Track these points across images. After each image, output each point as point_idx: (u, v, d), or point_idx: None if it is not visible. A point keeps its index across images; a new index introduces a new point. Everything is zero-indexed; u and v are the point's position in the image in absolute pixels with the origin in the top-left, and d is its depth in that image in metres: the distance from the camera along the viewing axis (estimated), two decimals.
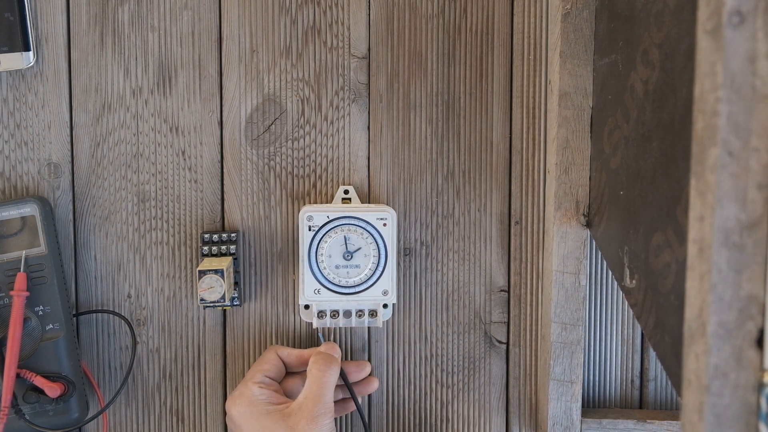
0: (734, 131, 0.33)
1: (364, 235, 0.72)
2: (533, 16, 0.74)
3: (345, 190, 0.74)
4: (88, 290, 0.74)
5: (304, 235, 0.72)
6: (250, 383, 0.68)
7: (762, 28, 0.33)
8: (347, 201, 0.74)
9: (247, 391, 0.67)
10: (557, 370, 0.71)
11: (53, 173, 0.73)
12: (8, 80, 0.72)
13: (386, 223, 0.72)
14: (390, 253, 0.72)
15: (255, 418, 0.65)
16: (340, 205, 0.73)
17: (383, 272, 0.72)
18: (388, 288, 0.72)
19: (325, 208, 0.72)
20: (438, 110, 0.74)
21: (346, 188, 0.74)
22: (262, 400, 0.66)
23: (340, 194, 0.74)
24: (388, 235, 0.72)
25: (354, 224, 0.72)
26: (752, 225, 0.34)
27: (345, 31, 0.74)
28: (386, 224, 0.72)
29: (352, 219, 0.72)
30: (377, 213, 0.72)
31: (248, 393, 0.67)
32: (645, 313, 0.50)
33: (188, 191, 0.74)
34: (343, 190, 0.74)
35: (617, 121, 0.58)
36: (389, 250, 0.72)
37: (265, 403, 0.66)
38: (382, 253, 0.72)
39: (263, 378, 0.69)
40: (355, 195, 0.74)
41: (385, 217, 0.72)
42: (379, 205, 0.73)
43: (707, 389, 0.34)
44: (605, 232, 0.63)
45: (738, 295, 0.34)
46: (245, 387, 0.68)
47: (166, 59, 0.73)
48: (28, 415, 0.69)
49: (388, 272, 0.72)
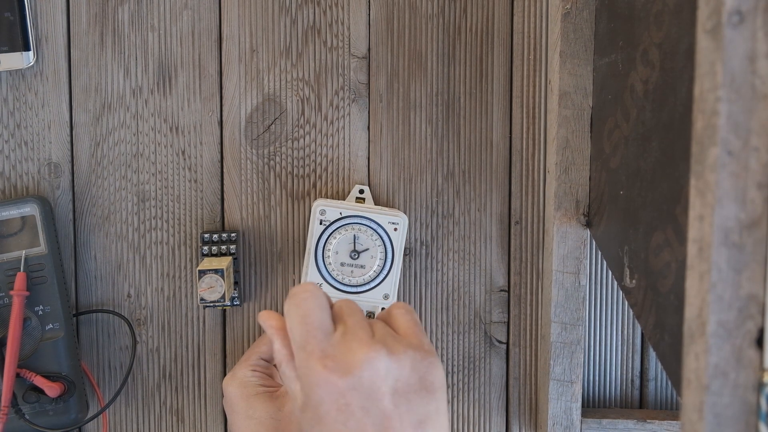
0: (734, 131, 0.33)
1: (374, 236, 0.71)
2: (533, 16, 0.74)
3: (360, 190, 0.74)
4: (88, 290, 0.74)
5: (314, 228, 0.71)
6: (245, 365, 0.68)
7: (762, 27, 0.33)
8: (361, 201, 0.74)
9: (240, 373, 0.67)
10: (557, 370, 0.71)
11: (53, 173, 0.73)
12: (8, 80, 0.72)
13: (397, 228, 0.72)
14: (396, 259, 0.72)
15: (245, 399, 0.65)
16: (354, 204, 0.73)
17: (387, 276, 0.72)
18: (389, 292, 0.72)
19: (339, 204, 0.72)
20: (438, 110, 0.74)
21: (362, 188, 0.74)
22: (253, 382, 0.66)
23: (354, 192, 0.74)
24: (397, 240, 0.72)
25: (365, 224, 0.71)
26: (752, 224, 0.34)
27: (345, 30, 0.74)
28: (397, 229, 0.72)
29: (364, 219, 0.71)
30: (390, 217, 0.72)
31: (241, 374, 0.67)
32: (645, 312, 0.50)
33: (188, 191, 0.74)
34: (358, 189, 0.74)
35: (617, 121, 0.58)
36: (396, 255, 0.72)
37: (256, 385, 0.66)
38: (389, 257, 0.72)
39: (258, 361, 0.69)
40: (369, 196, 0.74)
41: (397, 222, 0.72)
42: (393, 210, 0.73)
43: (707, 389, 0.34)
44: (605, 232, 0.63)
45: (738, 294, 0.34)
46: (239, 367, 0.68)
47: (166, 59, 0.73)
48: (28, 414, 0.69)
49: (392, 277, 0.72)
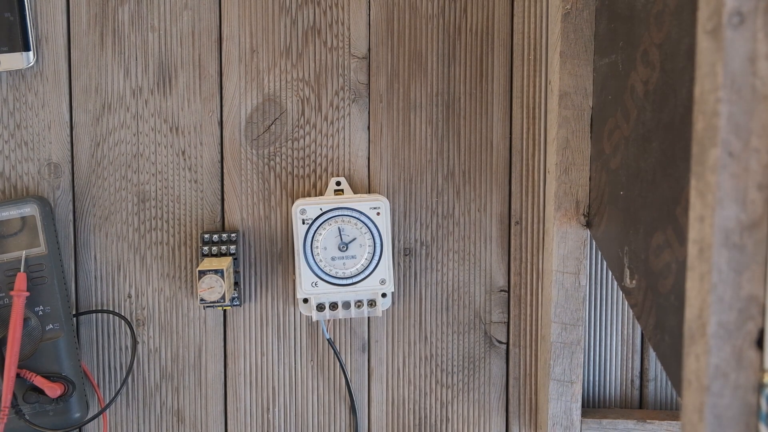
0: (734, 131, 0.33)
1: (358, 225, 0.71)
2: (533, 16, 0.74)
3: (337, 182, 0.74)
4: (88, 290, 0.74)
5: (298, 229, 0.71)
6: None
7: (762, 28, 0.33)
8: (339, 192, 0.74)
9: None
10: (557, 370, 0.71)
11: (53, 173, 0.73)
12: (8, 80, 0.72)
13: (380, 212, 0.72)
14: (385, 242, 0.72)
15: None
16: (333, 197, 0.73)
17: (379, 261, 0.72)
18: (385, 277, 0.72)
19: (318, 200, 0.72)
20: (438, 110, 0.74)
21: (338, 179, 0.74)
22: None
23: (332, 186, 0.74)
24: (382, 224, 0.72)
25: (347, 215, 0.71)
26: (752, 225, 0.34)
27: (345, 31, 0.74)
28: (380, 213, 0.72)
29: (345, 210, 0.71)
30: (370, 202, 0.72)
31: None
32: (645, 313, 0.50)
33: (188, 191, 0.74)
34: (335, 181, 0.74)
35: (617, 122, 0.58)
36: (384, 239, 0.72)
37: None
38: (377, 242, 0.72)
39: None
40: (347, 186, 0.74)
41: (378, 206, 0.72)
42: (372, 195, 0.73)
43: (707, 389, 0.34)
44: (605, 232, 0.63)
45: (738, 295, 0.34)
46: None
47: (166, 59, 0.73)
48: (28, 415, 0.69)
49: (384, 261, 0.72)
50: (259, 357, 0.76)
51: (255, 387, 0.76)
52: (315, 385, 0.76)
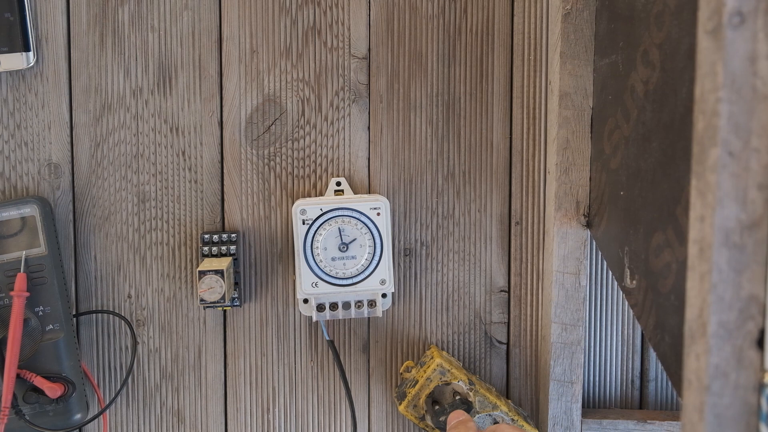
0: (735, 131, 0.33)
1: (359, 225, 0.71)
2: (533, 17, 0.74)
3: (337, 182, 0.74)
4: (88, 290, 0.74)
5: (298, 229, 0.71)
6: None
7: (762, 28, 0.33)
8: (340, 193, 0.74)
9: None
10: (557, 371, 0.71)
11: (53, 173, 0.73)
12: (8, 80, 0.72)
13: (380, 212, 0.72)
14: (385, 243, 0.72)
15: None
16: (333, 197, 0.73)
17: (380, 262, 0.72)
18: (385, 277, 0.72)
19: (318, 200, 0.72)
20: (438, 111, 0.74)
21: (338, 180, 0.74)
22: None
23: (332, 186, 0.74)
24: (382, 224, 0.72)
25: (348, 215, 0.71)
26: (753, 225, 0.34)
27: (345, 31, 0.74)
28: (380, 213, 0.72)
29: (346, 210, 0.71)
30: (370, 203, 0.72)
31: None
32: (645, 313, 0.50)
33: (188, 191, 0.74)
34: (335, 182, 0.74)
35: (617, 122, 0.58)
36: (384, 239, 0.72)
37: None
38: (378, 242, 0.72)
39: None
40: (347, 186, 0.74)
41: (378, 207, 0.71)
42: (372, 195, 0.73)
43: (708, 389, 0.34)
44: (605, 233, 0.63)
45: (738, 295, 0.34)
46: None
47: (166, 59, 0.73)
48: (28, 415, 0.69)
49: (385, 261, 0.72)
50: (259, 357, 0.76)
51: (255, 387, 0.76)
52: (315, 385, 0.76)
